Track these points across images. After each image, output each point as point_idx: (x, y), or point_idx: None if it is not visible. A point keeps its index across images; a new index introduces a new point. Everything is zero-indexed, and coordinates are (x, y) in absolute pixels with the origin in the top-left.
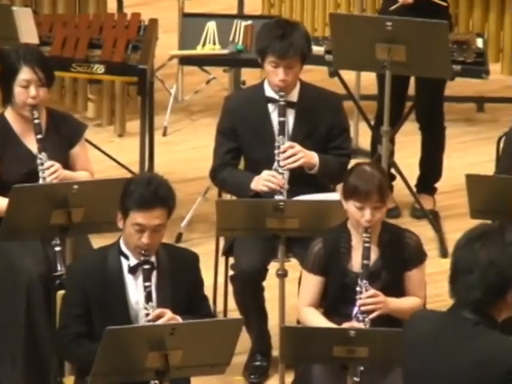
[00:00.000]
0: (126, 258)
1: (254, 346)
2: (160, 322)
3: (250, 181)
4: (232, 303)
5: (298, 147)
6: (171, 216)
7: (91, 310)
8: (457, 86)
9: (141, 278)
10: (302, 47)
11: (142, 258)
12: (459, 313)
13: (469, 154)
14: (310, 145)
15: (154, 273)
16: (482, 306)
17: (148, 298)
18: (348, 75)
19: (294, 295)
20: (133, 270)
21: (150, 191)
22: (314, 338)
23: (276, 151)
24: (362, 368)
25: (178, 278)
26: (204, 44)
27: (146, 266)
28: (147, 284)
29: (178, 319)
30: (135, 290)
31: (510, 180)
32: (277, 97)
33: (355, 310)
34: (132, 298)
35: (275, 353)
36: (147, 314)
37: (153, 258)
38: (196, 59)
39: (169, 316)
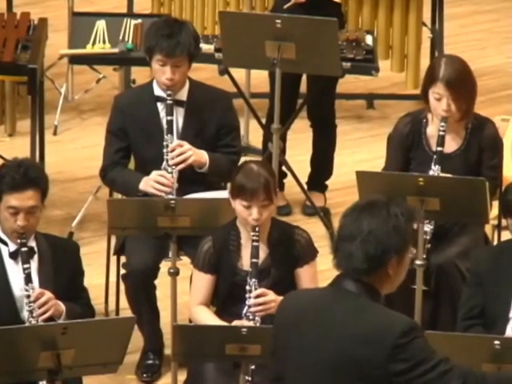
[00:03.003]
0: (5, 244)
1: (146, 345)
2: (41, 301)
3: (138, 181)
4: (124, 302)
5: (186, 146)
6: (45, 199)
7: None
8: (347, 84)
9: None
10: (190, 46)
11: (19, 241)
12: (341, 286)
13: (359, 151)
14: (199, 143)
15: (35, 258)
16: (363, 276)
17: (28, 280)
18: (238, 73)
19: (185, 293)
20: (13, 255)
21: (20, 173)
22: (207, 336)
23: (165, 150)
24: (253, 366)
25: (59, 264)
26: (94, 43)
27: (24, 249)
28: (26, 266)
29: (59, 303)
30: (17, 275)
31: (399, 176)
32: (165, 96)
33: (245, 308)
34: (15, 284)
35: (167, 351)
36: (28, 296)
37: (33, 244)
38: (86, 58)
39: (48, 295)
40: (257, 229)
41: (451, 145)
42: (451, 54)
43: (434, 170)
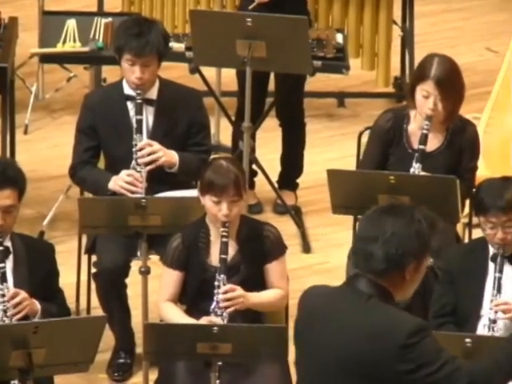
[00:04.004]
0: None
1: (117, 344)
2: (15, 301)
3: (107, 180)
4: (95, 301)
5: (157, 146)
6: (22, 199)
7: None
8: (317, 82)
9: None
10: (159, 45)
11: None
12: (354, 286)
13: (330, 150)
14: (169, 142)
15: (11, 257)
16: (379, 278)
17: (2, 279)
18: (209, 72)
19: (156, 292)
20: None
21: None
22: (178, 334)
23: (134, 149)
24: (220, 363)
25: (34, 264)
26: (64, 42)
27: (0, 248)
28: (1, 265)
29: (34, 302)
30: None
31: (370, 174)
32: (135, 94)
33: (213, 304)
34: None
35: (139, 350)
36: (3, 295)
37: (9, 244)
38: (56, 57)
39: (23, 295)
40: (226, 224)
41: (432, 143)
42: (444, 54)
43: (415, 168)
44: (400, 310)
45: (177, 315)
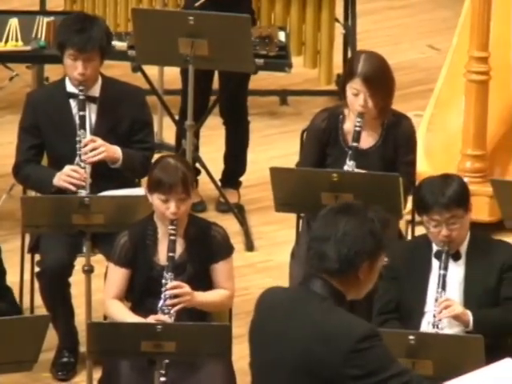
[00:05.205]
0: None
1: (61, 343)
2: None
3: (52, 177)
4: (38, 300)
5: (99, 141)
6: None
7: None
8: (260, 80)
9: None
10: (101, 41)
11: None
12: (309, 287)
13: (273, 148)
14: (112, 139)
15: None
16: (333, 278)
17: None
18: (151, 70)
19: (100, 291)
20: None
21: None
22: (122, 333)
23: (77, 146)
24: (167, 361)
25: None
26: (6, 41)
27: None
28: None
29: None
30: None
31: (313, 172)
32: (77, 92)
33: (160, 302)
34: None
35: (83, 349)
36: None
37: None
38: None
39: None
40: (174, 222)
41: (367, 140)
42: (371, 50)
43: (349, 166)
44: (352, 315)
45: (123, 313)
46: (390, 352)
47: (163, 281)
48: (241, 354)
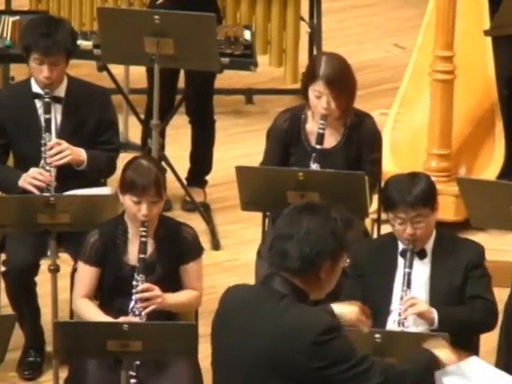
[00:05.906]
0: None
1: (27, 342)
2: None
3: (17, 177)
4: (4, 299)
5: (65, 145)
6: None
7: None
8: (226, 79)
9: None
10: (67, 44)
11: None
12: (270, 285)
13: (238, 146)
14: (77, 140)
15: None
16: (294, 277)
17: None
18: (117, 69)
19: (66, 290)
20: None
21: None
22: (88, 332)
23: (42, 148)
24: (137, 362)
25: None
26: None
27: None
28: None
29: None
30: None
31: (279, 171)
32: (43, 93)
33: (131, 304)
34: None
35: (49, 348)
36: None
37: None
38: None
39: None
40: (145, 224)
41: (330, 140)
42: (332, 52)
43: (314, 168)
44: (313, 309)
45: (93, 312)
46: (351, 342)
47: (134, 282)
48: (207, 353)
